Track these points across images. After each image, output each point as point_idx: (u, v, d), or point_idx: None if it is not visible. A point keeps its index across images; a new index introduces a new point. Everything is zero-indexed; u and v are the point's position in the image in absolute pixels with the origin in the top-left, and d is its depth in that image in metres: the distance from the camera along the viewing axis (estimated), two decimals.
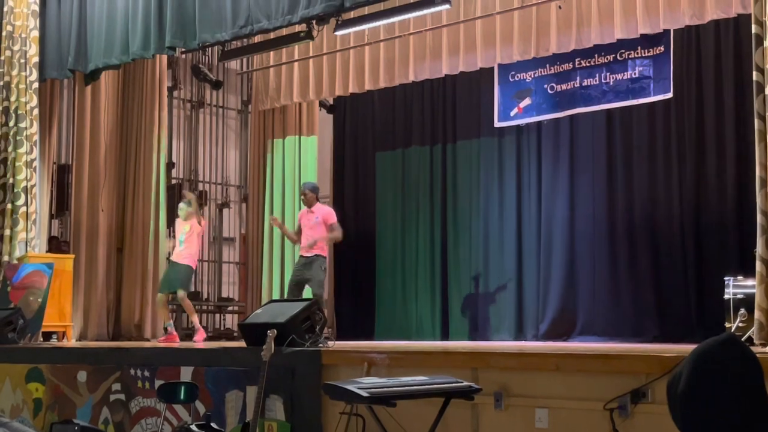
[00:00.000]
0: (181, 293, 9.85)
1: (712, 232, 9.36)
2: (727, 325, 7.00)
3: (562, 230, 10.47)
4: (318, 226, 9.21)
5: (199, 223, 9.95)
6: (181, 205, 10.05)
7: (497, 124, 10.86)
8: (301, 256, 9.29)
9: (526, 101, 10.56)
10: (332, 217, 9.32)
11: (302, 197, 9.47)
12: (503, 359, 5.28)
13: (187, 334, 12.10)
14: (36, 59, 10.22)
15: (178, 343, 9.33)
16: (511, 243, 10.91)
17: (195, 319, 10.29)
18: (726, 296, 7.05)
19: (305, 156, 12.61)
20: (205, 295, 12.88)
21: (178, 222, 10.14)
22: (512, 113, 10.72)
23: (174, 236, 10.34)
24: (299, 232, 9.38)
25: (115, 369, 7.33)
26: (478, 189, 11.30)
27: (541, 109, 10.47)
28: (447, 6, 8.54)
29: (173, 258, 10.04)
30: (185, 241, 9.88)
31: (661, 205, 9.79)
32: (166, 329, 10.04)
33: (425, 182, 11.81)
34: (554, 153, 10.66)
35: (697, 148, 9.54)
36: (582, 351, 5.57)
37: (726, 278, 7.30)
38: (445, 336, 11.16)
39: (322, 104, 12.61)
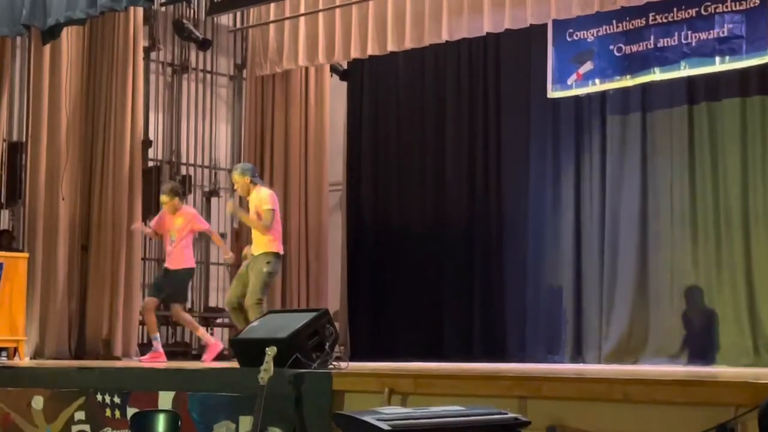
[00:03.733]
0: (176, 307, 10.02)
1: None
2: None
3: (631, 228, 10.46)
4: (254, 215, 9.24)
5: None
6: (167, 195, 10.09)
7: (551, 94, 10.84)
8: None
9: (587, 66, 10.53)
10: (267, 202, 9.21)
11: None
12: (558, 386, 5.29)
13: (171, 352, 12.16)
14: None
15: (164, 363, 9.39)
16: (567, 243, 10.92)
17: (201, 332, 10.41)
18: None
19: (313, 134, 12.63)
20: (189, 304, 12.91)
21: (166, 217, 10.15)
22: (570, 81, 10.69)
23: (158, 234, 10.36)
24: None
25: (78, 394, 7.39)
26: (527, 176, 11.29)
27: (606, 76, 10.44)
28: None
29: (168, 264, 10.15)
30: (178, 240, 9.99)
31: (758, 196, 9.76)
32: (151, 344, 10.12)
33: (462, 168, 11.82)
34: (622, 131, 10.65)
35: None
36: (655, 376, 5.57)
37: None
38: (485, 357, 11.12)
39: (333, 69, 12.63)
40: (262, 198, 9.30)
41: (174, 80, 13.05)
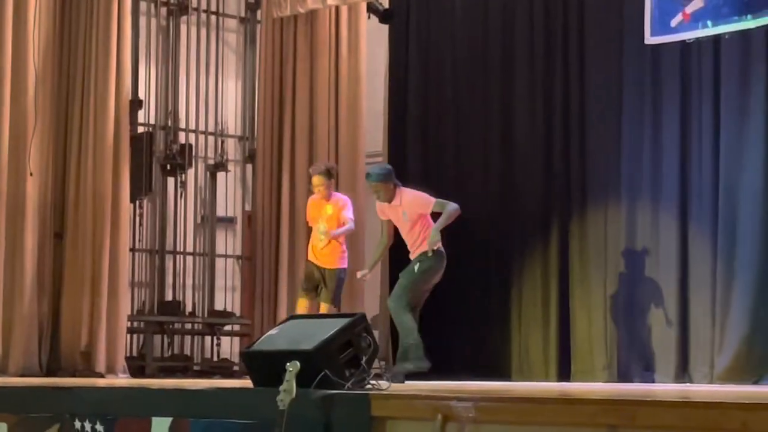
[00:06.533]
0: (325, 306, 10.17)
1: None
2: None
3: (753, 209, 10.41)
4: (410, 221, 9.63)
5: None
6: (323, 176, 10.18)
7: (650, 40, 10.78)
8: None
9: (697, 3, 10.46)
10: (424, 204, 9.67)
11: (374, 193, 9.76)
12: (658, 412, 5.27)
13: (168, 368, 12.26)
14: None
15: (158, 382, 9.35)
16: (669, 228, 10.89)
17: None
18: None
19: (345, 91, 12.64)
20: (188, 308, 13.01)
21: (313, 204, 10.34)
22: (674, 23, 10.63)
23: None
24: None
25: (51, 420, 7.44)
26: (618, 144, 11.28)
27: (721, 16, 10.35)
28: None
29: (314, 260, 10.31)
30: (329, 232, 10.13)
31: None
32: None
33: (537, 132, 11.83)
34: (741, 85, 10.58)
35: None
36: None
37: None
38: (564, 376, 11.18)
39: (371, 8, 12.68)
40: (419, 203, 9.67)
41: (170, 23, 13.10)
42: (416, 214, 9.59)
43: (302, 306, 10.41)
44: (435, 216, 9.69)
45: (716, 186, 10.65)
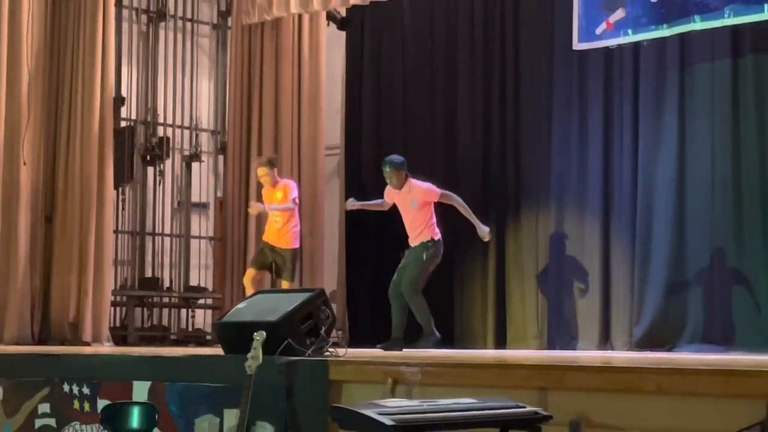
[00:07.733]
0: (287, 284, 10.35)
1: None
2: None
3: (667, 199, 10.48)
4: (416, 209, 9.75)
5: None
6: (265, 167, 10.39)
7: (577, 46, 10.80)
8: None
9: (619, 13, 10.47)
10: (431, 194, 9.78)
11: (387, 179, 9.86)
12: (582, 376, 5.30)
13: (148, 337, 12.22)
14: None
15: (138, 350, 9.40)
16: (594, 215, 10.94)
17: None
18: None
19: (307, 91, 12.61)
20: (166, 283, 12.95)
21: (266, 193, 10.54)
22: (598, 31, 10.64)
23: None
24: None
25: (42, 384, 7.41)
26: (548, 140, 11.30)
27: (640, 25, 10.37)
28: None
29: (269, 240, 10.49)
30: (282, 215, 10.33)
31: None
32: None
33: (475, 129, 11.83)
34: (658, 87, 10.64)
35: None
36: (693, 365, 5.57)
37: None
38: (501, 344, 11.21)
39: (330, 17, 12.60)
40: (428, 192, 9.78)
41: (149, 29, 13.01)
42: (423, 202, 9.70)
43: (249, 276, 10.55)
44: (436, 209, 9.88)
45: (635, 177, 10.71)
